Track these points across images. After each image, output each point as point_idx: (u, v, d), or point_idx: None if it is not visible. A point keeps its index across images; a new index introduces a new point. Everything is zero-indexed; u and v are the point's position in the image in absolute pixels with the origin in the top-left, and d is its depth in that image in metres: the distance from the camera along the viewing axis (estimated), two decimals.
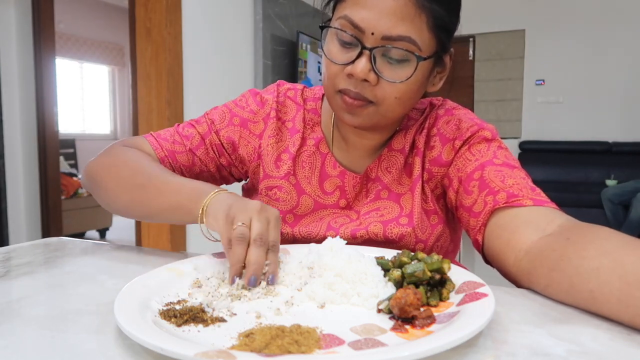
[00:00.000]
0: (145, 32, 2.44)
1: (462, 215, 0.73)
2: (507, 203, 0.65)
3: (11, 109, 2.57)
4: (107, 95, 6.78)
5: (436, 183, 0.79)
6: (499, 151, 0.74)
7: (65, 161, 5.35)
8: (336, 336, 0.42)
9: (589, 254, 0.50)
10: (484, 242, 0.68)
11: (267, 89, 0.87)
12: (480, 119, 0.79)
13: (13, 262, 0.71)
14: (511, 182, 0.67)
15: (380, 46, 0.66)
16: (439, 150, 0.78)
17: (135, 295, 0.49)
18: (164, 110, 2.43)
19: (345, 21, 0.67)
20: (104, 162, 0.79)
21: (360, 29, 0.66)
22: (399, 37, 0.65)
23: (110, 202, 0.77)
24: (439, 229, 0.78)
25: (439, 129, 0.78)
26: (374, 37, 0.65)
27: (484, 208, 0.68)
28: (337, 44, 0.69)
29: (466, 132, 0.76)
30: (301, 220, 0.81)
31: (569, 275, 0.51)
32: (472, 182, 0.71)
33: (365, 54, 0.66)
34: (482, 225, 0.68)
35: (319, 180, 0.81)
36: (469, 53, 5.22)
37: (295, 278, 0.56)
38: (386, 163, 0.80)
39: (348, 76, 0.68)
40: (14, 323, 0.47)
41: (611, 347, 0.41)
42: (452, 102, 0.83)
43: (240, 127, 0.84)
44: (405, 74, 0.67)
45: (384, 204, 0.79)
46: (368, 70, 0.66)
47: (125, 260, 0.73)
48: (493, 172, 0.70)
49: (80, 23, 6.10)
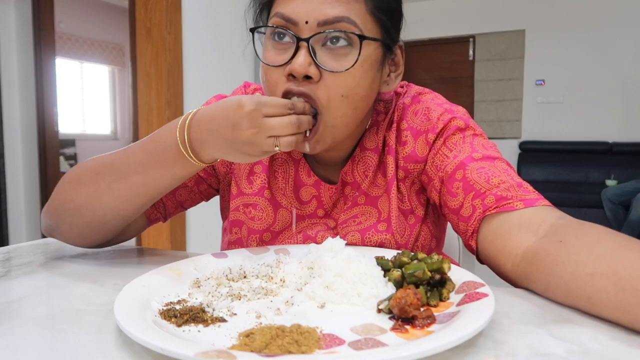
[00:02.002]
0: (145, 32, 2.44)
1: (449, 217, 0.71)
2: (498, 208, 0.63)
3: (11, 109, 2.57)
4: (107, 95, 6.79)
5: (412, 180, 0.75)
6: (475, 141, 0.71)
7: (65, 161, 5.36)
8: (336, 336, 0.42)
9: (582, 259, 0.50)
10: (478, 248, 0.67)
11: (233, 92, 0.84)
12: (449, 102, 0.76)
13: (13, 262, 0.71)
14: (497, 182, 0.65)
15: (316, 33, 0.61)
16: (412, 145, 0.74)
17: (135, 295, 0.49)
18: (164, 110, 2.43)
19: (277, 18, 0.63)
20: (58, 194, 0.70)
21: (293, 20, 0.62)
22: (335, 19, 0.61)
23: (92, 220, 0.68)
24: (417, 228, 0.76)
25: (408, 122, 0.74)
26: (309, 26, 0.61)
27: (472, 213, 0.66)
28: (273, 46, 0.65)
29: (438, 123, 0.72)
30: (279, 236, 0.77)
31: (565, 282, 0.51)
32: (455, 183, 0.68)
33: (302, 46, 0.61)
34: (473, 231, 0.66)
35: (293, 190, 0.77)
36: (469, 53, 5.22)
37: (295, 278, 0.56)
38: (361, 165, 0.75)
39: (288, 78, 0.62)
40: (14, 323, 0.47)
41: (611, 347, 0.41)
42: (416, 87, 0.79)
43: None
44: (350, 61, 0.62)
45: (361, 209, 0.76)
46: (308, 64, 0.61)
47: (125, 260, 0.72)
48: (476, 171, 0.67)
49: (80, 23, 6.10)
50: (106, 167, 0.67)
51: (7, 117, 2.53)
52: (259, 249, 0.70)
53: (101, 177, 0.66)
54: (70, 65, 6.21)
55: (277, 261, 0.62)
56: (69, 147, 5.81)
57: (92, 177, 0.67)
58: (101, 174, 0.66)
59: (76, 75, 6.37)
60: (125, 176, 0.65)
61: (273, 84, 0.64)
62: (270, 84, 0.65)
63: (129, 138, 6.54)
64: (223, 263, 0.63)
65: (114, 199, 0.66)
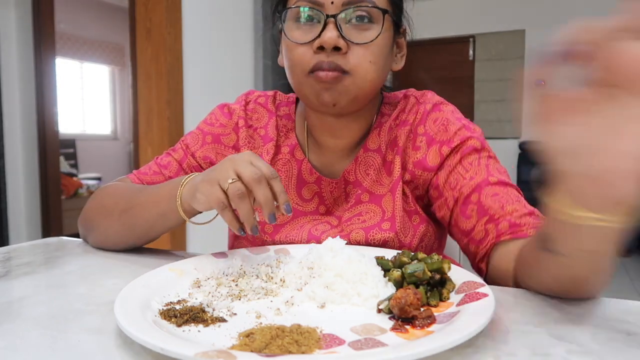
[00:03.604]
0: (145, 32, 2.44)
1: (458, 237, 0.72)
2: (511, 234, 0.64)
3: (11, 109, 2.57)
4: (108, 95, 6.78)
5: (417, 185, 0.77)
6: (490, 163, 0.73)
7: (65, 161, 5.36)
8: (336, 336, 0.42)
9: None
10: (488, 270, 0.68)
11: (236, 100, 0.87)
12: (466, 118, 0.78)
13: (13, 262, 0.71)
14: (510, 209, 0.66)
15: (342, 10, 0.67)
16: (424, 152, 0.76)
17: (135, 295, 0.49)
18: (164, 110, 2.43)
19: (302, 1, 0.69)
20: (90, 206, 0.80)
21: (319, 2, 0.68)
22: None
23: (106, 239, 0.77)
24: (422, 228, 0.77)
25: (426, 128, 0.76)
26: (335, 5, 0.67)
27: (485, 236, 0.67)
28: (299, 27, 0.70)
29: (454, 138, 0.74)
30: (281, 229, 0.80)
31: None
32: (470, 206, 0.70)
33: (330, 22, 0.67)
34: (485, 254, 0.67)
35: (296, 188, 0.80)
36: (469, 53, 5.22)
37: (295, 278, 0.56)
38: (364, 165, 0.78)
39: (317, 51, 0.68)
40: (14, 323, 0.47)
41: (611, 347, 0.41)
42: (435, 96, 0.81)
43: (214, 143, 0.83)
44: (374, 33, 0.69)
45: (365, 207, 0.77)
46: (337, 37, 0.67)
47: (125, 260, 0.73)
48: (490, 197, 0.69)
49: (80, 23, 6.09)
50: (125, 200, 0.73)
51: (7, 117, 2.53)
52: (259, 249, 0.71)
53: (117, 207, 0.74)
54: (70, 65, 6.21)
55: (277, 261, 0.63)
56: (69, 147, 5.81)
57: (112, 205, 0.75)
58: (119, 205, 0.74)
59: (76, 75, 6.37)
60: (135, 219, 0.71)
61: (300, 59, 0.69)
62: (297, 60, 0.70)
63: (129, 138, 6.54)
64: (223, 263, 0.63)
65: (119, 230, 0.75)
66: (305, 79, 0.70)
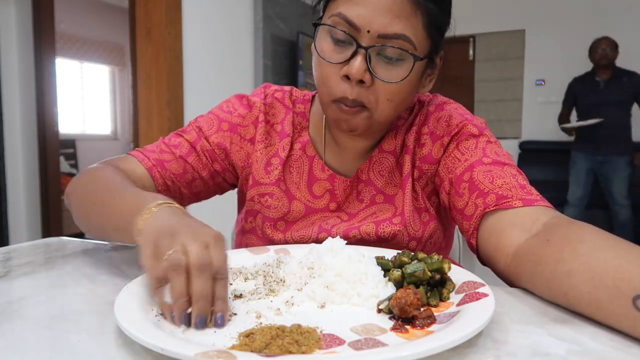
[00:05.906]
0: (145, 32, 2.44)
1: (455, 217, 0.73)
2: (497, 206, 0.64)
3: (11, 109, 2.57)
4: (108, 95, 6.78)
5: (426, 180, 0.78)
6: (488, 147, 0.73)
7: (65, 161, 5.36)
8: (336, 336, 0.42)
9: (563, 257, 0.50)
10: (478, 246, 0.68)
11: (253, 92, 0.86)
12: (471, 113, 0.78)
13: (13, 262, 0.71)
14: (500, 183, 0.66)
15: (376, 45, 0.64)
16: (430, 147, 0.77)
17: (135, 295, 0.49)
18: (164, 110, 2.44)
19: (339, 19, 0.65)
20: (77, 180, 0.76)
21: (356, 26, 0.64)
22: (395, 35, 0.63)
23: (76, 219, 0.74)
24: (432, 225, 0.78)
25: (430, 127, 0.78)
26: (370, 36, 0.64)
27: (474, 211, 0.67)
28: (331, 43, 0.67)
29: (454, 128, 0.75)
30: (293, 226, 0.80)
31: (546, 280, 0.52)
32: (462, 184, 0.70)
33: (360, 52, 0.64)
34: (474, 229, 0.67)
35: (307, 184, 0.80)
36: (469, 53, 5.22)
37: (295, 278, 0.56)
38: (377, 165, 0.79)
39: (343, 78, 0.66)
40: (14, 323, 0.47)
41: (611, 347, 0.41)
42: (442, 97, 0.82)
43: (230, 132, 0.82)
44: (401, 74, 0.66)
45: (379, 207, 0.78)
46: (364, 71, 0.65)
47: (125, 260, 0.72)
48: (482, 173, 0.69)
49: (80, 23, 6.09)
50: (98, 193, 0.68)
51: (7, 117, 2.53)
52: (259, 249, 0.71)
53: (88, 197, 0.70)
54: (70, 65, 6.21)
55: (277, 261, 0.62)
56: (69, 147, 5.81)
57: (88, 193, 0.71)
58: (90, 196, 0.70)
59: (76, 75, 6.37)
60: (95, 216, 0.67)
61: (326, 80, 0.69)
62: (324, 80, 0.69)
63: (129, 138, 6.54)
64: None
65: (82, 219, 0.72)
66: (330, 104, 0.70)
